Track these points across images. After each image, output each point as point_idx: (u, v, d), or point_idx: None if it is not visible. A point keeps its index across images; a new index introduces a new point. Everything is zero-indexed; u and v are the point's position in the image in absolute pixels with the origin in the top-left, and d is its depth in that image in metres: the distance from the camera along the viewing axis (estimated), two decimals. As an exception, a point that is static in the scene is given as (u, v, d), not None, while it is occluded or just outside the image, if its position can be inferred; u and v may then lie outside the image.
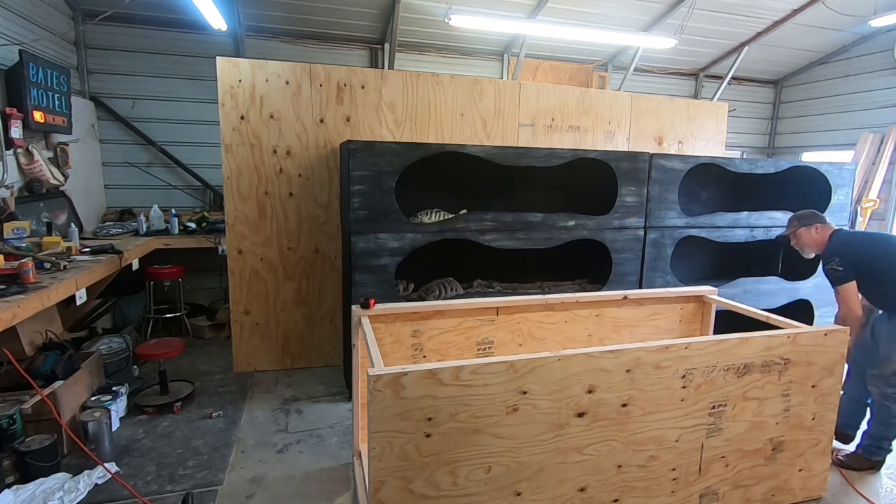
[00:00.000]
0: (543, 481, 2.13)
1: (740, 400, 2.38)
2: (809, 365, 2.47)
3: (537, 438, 2.08)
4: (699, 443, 2.35)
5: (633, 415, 2.20)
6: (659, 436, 2.27)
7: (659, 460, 2.29)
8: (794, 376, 2.45)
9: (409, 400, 1.88)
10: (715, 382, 2.31)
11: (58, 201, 4.29)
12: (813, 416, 2.53)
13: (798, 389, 2.47)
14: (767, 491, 2.54)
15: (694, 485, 2.38)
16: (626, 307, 3.19)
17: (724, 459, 2.41)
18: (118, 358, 3.82)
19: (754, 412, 2.41)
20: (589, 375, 2.10)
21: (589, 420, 2.14)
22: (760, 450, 2.47)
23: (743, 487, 2.48)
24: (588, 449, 2.17)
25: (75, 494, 2.49)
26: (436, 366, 1.90)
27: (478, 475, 2.03)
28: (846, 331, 2.51)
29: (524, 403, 2.03)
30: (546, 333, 3.04)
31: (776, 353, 2.39)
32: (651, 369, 2.18)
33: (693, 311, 3.34)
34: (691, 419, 2.31)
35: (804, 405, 2.51)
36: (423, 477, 1.96)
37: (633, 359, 2.15)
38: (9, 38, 3.78)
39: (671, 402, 2.25)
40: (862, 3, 5.53)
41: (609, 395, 2.14)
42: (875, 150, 6.43)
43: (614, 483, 2.24)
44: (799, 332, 2.43)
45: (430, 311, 2.77)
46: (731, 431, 2.39)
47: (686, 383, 2.26)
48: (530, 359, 2.01)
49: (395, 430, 1.89)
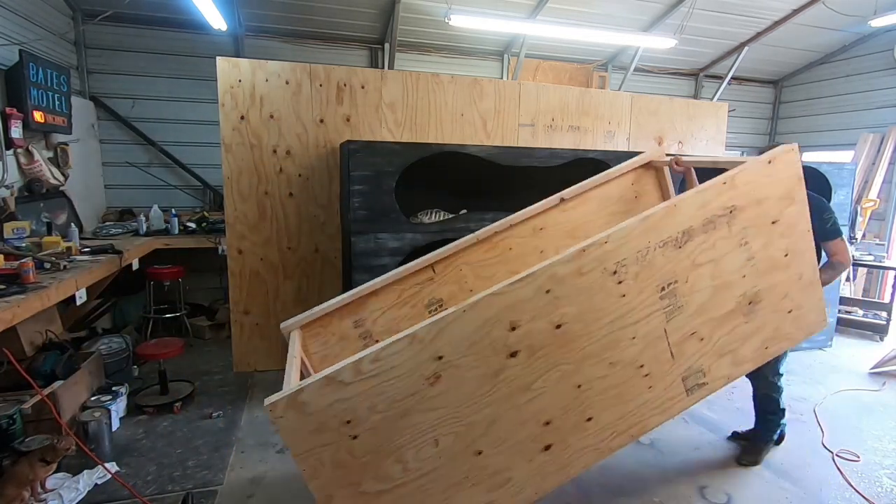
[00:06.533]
0: (501, 432, 1.96)
1: (690, 270, 2.09)
2: (761, 203, 2.16)
3: (476, 395, 1.91)
4: (660, 330, 2.09)
5: (572, 333, 1.97)
6: (611, 341, 2.03)
7: (621, 364, 2.06)
8: (746, 221, 2.14)
9: (318, 413, 1.75)
10: (654, 264, 2.03)
11: (58, 201, 4.29)
12: (785, 252, 2.23)
13: (757, 232, 2.16)
14: (759, 346, 2.28)
15: (670, 372, 2.14)
16: (569, 209, 2.85)
17: (695, 335, 2.16)
18: (118, 358, 3.82)
19: (713, 275, 2.13)
20: (505, 313, 1.88)
21: (525, 356, 1.93)
22: (734, 310, 2.20)
23: (729, 354, 2.23)
24: (536, 384, 1.97)
25: (75, 494, 2.49)
26: (332, 369, 1.75)
27: (427, 452, 1.89)
28: (794, 148, 2.22)
29: (445, 368, 1.85)
30: (493, 270, 2.79)
31: (715, 206, 2.09)
32: (574, 279, 1.94)
33: (651, 182, 2.96)
34: (641, 311, 2.06)
35: (770, 245, 2.20)
36: (370, 475, 1.85)
37: (549, 277, 1.91)
38: (9, 38, 3.78)
39: (611, 303, 2.01)
40: (862, 3, 5.53)
41: (537, 323, 1.92)
42: (875, 150, 6.43)
43: (579, 404, 2.04)
44: (736, 174, 2.11)
45: (364, 294, 2.57)
46: (693, 305, 2.12)
47: (621, 278, 2.00)
48: (432, 322, 1.81)
49: (317, 446, 1.77)
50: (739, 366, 2.25)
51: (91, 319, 4.46)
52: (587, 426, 2.05)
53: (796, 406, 3.69)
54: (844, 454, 3.06)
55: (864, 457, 3.05)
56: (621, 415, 2.09)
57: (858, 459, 3.02)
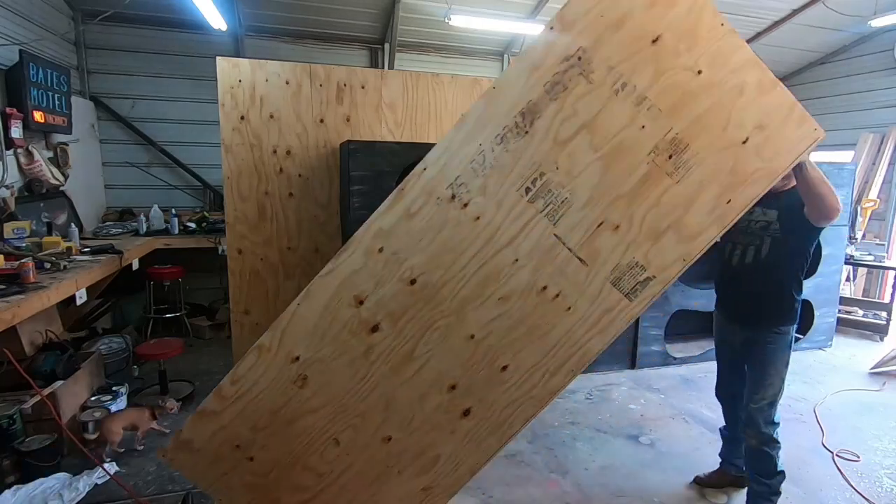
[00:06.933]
0: (403, 411, 1.78)
1: (557, 152, 1.63)
2: (620, 25, 1.59)
3: (353, 383, 1.75)
4: (549, 237, 1.68)
5: (433, 283, 1.70)
6: (487, 274, 1.69)
7: (514, 295, 1.71)
8: (609, 58, 1.60)
9: (205, 447, 1.74)
10: (501, 166, 1.65)
11: (58, 201, 4.29)
12: (697, 69, 1.63)
13: (634, 66, 1.61)
14: (713, 204, 1.68)
15: (590, 282, 1.71)
16: None
17: (605, 226, 1.67)
18: (118, 358, 3.82)
19: (593, 146, 1.64)
20: (344, 290, 1.69)
21: (388, 326, 1.72)
22: (650, 173, 1.65)
23: (668, 230, 1.68)
24: (417, 351, 1.74)
25: (75, 494, 2.49)
26: (204, 403, 1.78)
27: (332, 452, 1.79)
28: None
29: (308, 367, 1.72)
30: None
31: (552, 61, 1.61)
32: (406, 224, 1.68)
33: None
34: (511, 225, 1.67)
35: (666, 71, 1.62)
36: (285, 489, 1.82)
37: (375, 234, 1.68)
38: (9, 38, 3.78)
39: (466, 233, 1.67)
40: (862, 3, 5.52)
41: (385, 288, 1.69)
42: (875, 150, 6.43)
43: (483, 356, 1.75)
44: (563, 8, 1.60)
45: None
46: (582, 192, 1.66)
47: (464, 199, 1.66)
48: (272, 327, 1.75)
49: (219, 476, 1.78)
50: (693, 239, 1.69)
51: (91, 319, 4.46)
52: (505, 377, 1.76)
53: (796, 406, 3.69)
54: (844, 454, 3.06)
55: (864, 457, 3.05)
56: (545, 351, 1.75)
57: (858, 459, 3.02)
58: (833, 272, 4.81)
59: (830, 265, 4.76)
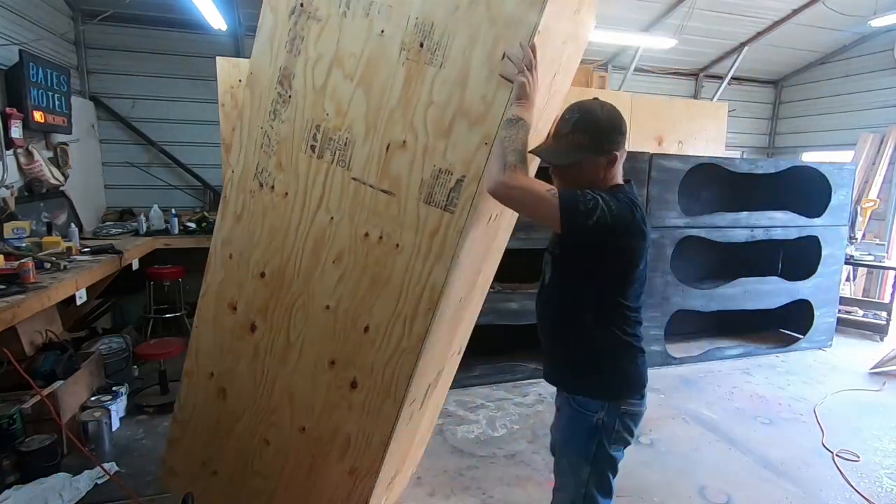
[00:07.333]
0: (304, 399, 1.79)
1: (321, 98, 1.64)
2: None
3: (257, 383, 1.84)
4: (350, 185, 1.61)
5: (276, 269, 1.76)
6: (314, 244, 1.69)
7: (345, 252, 1.65)
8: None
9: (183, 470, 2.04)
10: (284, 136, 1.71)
11: (58, 201, 4.29)
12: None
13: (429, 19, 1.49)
14: (489, 55, 1.46)
15: (404, 210, 1.56)
16: None
17: (391, 147, 1.56)
18: (118, 358, 3.82)
19: (348, 75, 1.60)
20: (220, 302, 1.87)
21: (261, 321, 1.81)
22: (409, 70, 1.52)
23: (456, 117, 1.50)
24: (291, 336, 1.77)
25: (75, 494, 2.49)
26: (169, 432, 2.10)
27: (268, 453, 1.89)
28: None
29: (223, 380, 1.90)
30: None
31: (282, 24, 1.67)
32: (236, 226, 1.81)
33: None
34: (313, 189, 1.67)
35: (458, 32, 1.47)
36: (246, 497, 1.97)
37: (223, 243, 1.84)
38: (9, 38, 3.78)
39: (279, 211, 1.73)
40: (862, 3, 5.53)
41: (245, 288, 1.82)
42: (875, 150, 6.43)
43: (344, 322, 1.69)
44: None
45: None
46: (357, 126, 1.60)
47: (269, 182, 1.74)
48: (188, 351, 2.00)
49: (201, 491, 1.98)
50: (485, 116, 1.49)
51: (91, 319, 4.46)
52: (371, 337, 1.66)
53: (796, 406, 3.70)
54: (844, 454, 3.06)
55: (864, 457, 3.05)
56: (395, 298, 1.61)
57: (858, 459, 3.02)
58: (833, 272, 4.81)
59: (830, 265, 4.76)
